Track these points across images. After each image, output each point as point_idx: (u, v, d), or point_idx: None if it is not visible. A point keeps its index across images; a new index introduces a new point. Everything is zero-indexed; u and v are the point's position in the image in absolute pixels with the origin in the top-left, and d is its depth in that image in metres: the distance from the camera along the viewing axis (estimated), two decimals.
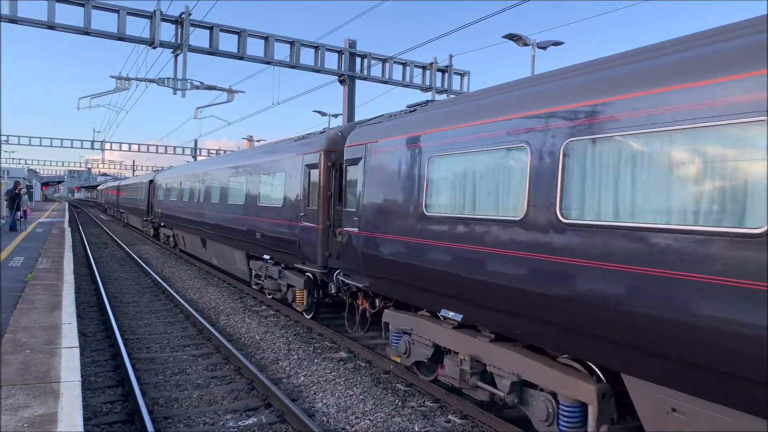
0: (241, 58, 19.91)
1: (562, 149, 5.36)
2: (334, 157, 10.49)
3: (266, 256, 13.26)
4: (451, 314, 6.97)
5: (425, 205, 7.29)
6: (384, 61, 22.60)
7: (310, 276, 11.39)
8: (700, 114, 4.17)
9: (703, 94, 4.16)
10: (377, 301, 9.37)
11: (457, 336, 7.02)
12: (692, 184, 4.27)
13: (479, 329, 6.86)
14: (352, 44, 21.99)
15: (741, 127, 3.95)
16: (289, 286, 12.35)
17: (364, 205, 8.73)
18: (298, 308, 12.05)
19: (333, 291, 10.44)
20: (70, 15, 17.72)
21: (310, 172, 11.11)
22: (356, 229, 8.91)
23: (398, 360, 8.38)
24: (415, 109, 8.41)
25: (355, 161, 9.28)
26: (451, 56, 24.17)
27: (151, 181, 31.14)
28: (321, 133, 11.63)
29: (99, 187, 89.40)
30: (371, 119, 9.86)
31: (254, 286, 14.80)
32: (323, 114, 40.69)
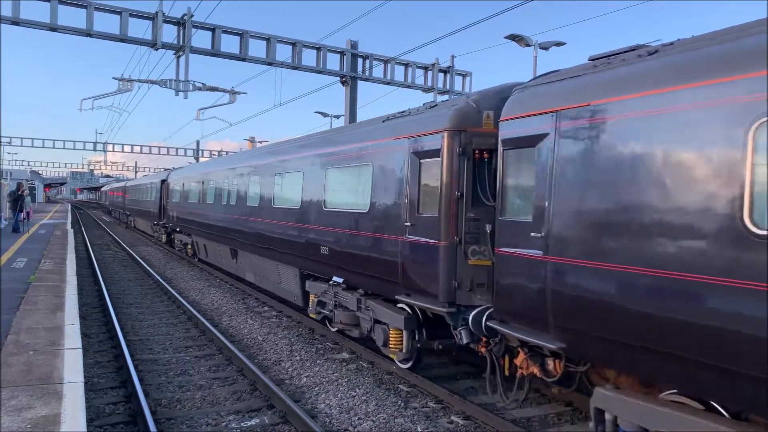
0: (243, 60, 19.93)
1: None
2: (465, 140, 7.29)
3: (337, 278, 9.95)
4: None
5: (750, 216, 3.90)
6: (386, 62, 22.60)
7: (409, 311, 8.27)
8: None
9: None
10: (554, 364, 6.18)
11: None
12: None
13: None
14: (354, 45, 22.00)
15: None
16: (377, 322, 8.92)
17: (558, 213, 5.56)
18: (391, 354, 8.79)
19: (464, 340, 7.20)
20: (73, 17, 17.78)
21: (420, 164, 7.85)
22: (538, 252, 5.75)
23: None
24: (656, 51, 5.09)
25: (527, 141, 6.10)
26: (452, 57, 24.18)
27: (163, 181, 27.88)
28: (432, 106, 8.36)
29: (103, 189, 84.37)
30: (538, 78, 6.67)
31: (314, 315, 11.16)
32: (325, 115, 40.73)
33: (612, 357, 5.26)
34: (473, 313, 7.02)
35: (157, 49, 18.79)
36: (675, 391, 4.85)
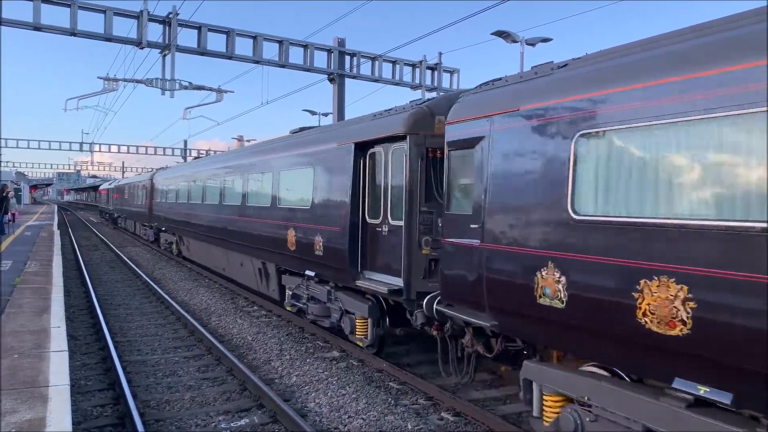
0: (229, 58, 19.85)
1: None
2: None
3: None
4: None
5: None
6: (373, 59, 22.58)
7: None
8: None
9: None
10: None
11: None
12: None
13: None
14: (341, 43, 21.96)
15: None
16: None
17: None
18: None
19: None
20: (56, 16, 17.59)
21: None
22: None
23: None
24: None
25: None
26: (440, 54, 24.25)
27: (344, 154, 9.26)
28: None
29: (104, 187, 58.45)
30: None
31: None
32: (313, 113, 40.63)
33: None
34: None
35: (142, 48, 18.66)
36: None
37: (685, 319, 4.06)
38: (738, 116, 3.88)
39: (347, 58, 22.23)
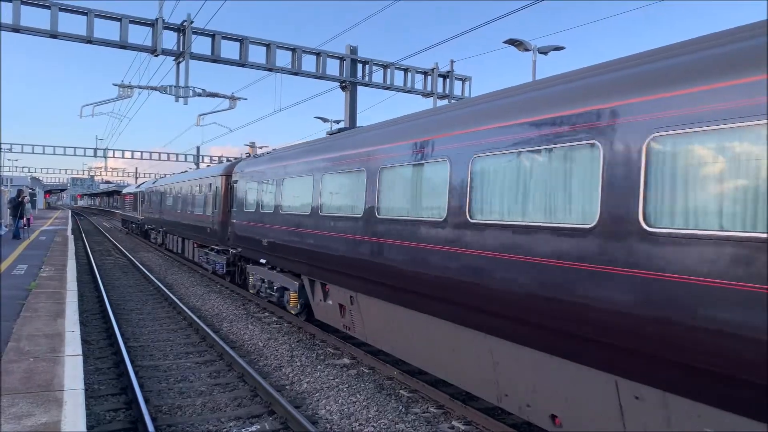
0: (242, 66, 20.00)
1: None
2: None
3: None
4: None
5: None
6: (385, 67, 22.65)
7: None
8: None
9: None
10: None
11: None
12: None
13: None
14: (354, 51, 22.06)
15: None
16: None
17: None
18: None
19: None
20: (73, 23, 17.85)
21: None
22: None
23: None
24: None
25: None
26: (452, 62, 24.25)
27: None
28: None
29: (130, 191, 46.93)
30: None
31: None
32: (325, 120, 40.75)
33: None
34: None
35: (157, 56, 18.86)
36: None
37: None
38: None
39: (359, 65, 22.32)
